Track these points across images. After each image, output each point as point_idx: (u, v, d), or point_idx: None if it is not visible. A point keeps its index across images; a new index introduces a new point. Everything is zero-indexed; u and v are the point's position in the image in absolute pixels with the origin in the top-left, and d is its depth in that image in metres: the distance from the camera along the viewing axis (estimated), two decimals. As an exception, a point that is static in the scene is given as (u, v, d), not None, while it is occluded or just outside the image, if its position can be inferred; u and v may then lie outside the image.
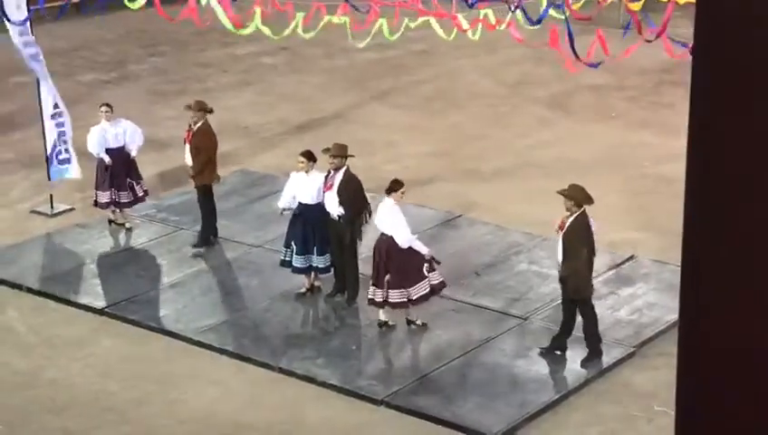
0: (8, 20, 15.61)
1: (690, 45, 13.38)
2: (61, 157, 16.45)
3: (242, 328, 13.39)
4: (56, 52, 23.28)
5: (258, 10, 14.84)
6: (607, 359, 12.52)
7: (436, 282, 12.97)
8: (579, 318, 12.46)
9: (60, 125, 16.32)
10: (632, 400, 11.90)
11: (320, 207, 13.63)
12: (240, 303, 14.01)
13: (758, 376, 3.95)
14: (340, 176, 13.47)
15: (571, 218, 12.13)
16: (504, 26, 14.53)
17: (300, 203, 13.71)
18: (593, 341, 12.40)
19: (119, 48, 24.37)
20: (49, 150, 16.37)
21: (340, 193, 13.43)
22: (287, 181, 13.98)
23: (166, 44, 24.49)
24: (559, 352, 12.52)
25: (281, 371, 12.49)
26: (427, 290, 12.87)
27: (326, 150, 13.69)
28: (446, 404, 11.80)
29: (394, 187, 12.95)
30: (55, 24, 16.82)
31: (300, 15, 14.99)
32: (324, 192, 13.54)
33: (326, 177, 13.56)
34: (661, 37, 13.10)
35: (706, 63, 3.97)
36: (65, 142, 16.40)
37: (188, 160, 15.11)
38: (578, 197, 12.14)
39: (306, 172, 13.65)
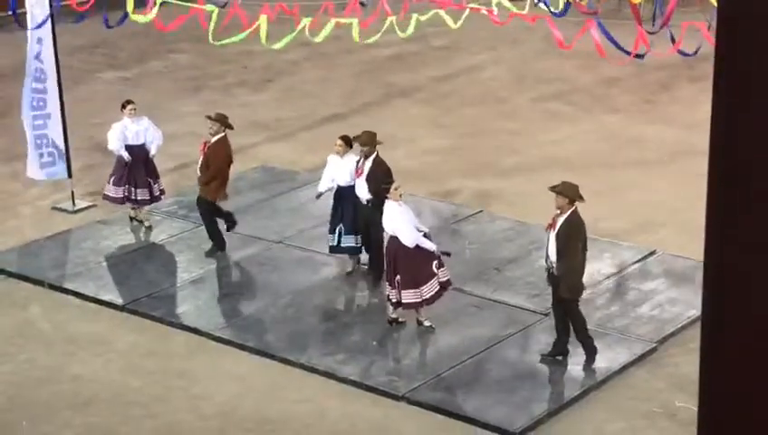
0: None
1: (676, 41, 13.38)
2: (44, 160, 16.32)
3: (263, 324, 13.43)
4: (76, 49, 23.40)
5: (264, 18, 14.70)
6: (628, 355, 12.51)
7: (444, 279, 12.96)
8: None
9: (39, 127, 16.12)
10: (654, 395, 11.88)
11: (351, 189, 14.06)
12: (261, 298, 14.04)
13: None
14: (369, 163, 13.84)
15: (564, 216, 11.99)
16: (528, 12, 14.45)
17: (337, 185, 14.16)
18: (586, 340, 12.28)
19: (138, 45, 24.42)
20: (30, 150, 16.27)
21: (369, 179, 13.75)
22: (325, 167, 14.38)
23: (185, 41, 24.50)
24: (560, 358, 12.35)
25: (302, 366, 12.53)
26: (438, 288, 12.89)
27: (356, 138, 14.02)
28: (468, 400, 11.81)
29: (387, 188, 13.02)
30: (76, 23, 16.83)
31: (306, 20, 14.85)
32: (355, 178, 13.92)
33: (357, 163, 13.97)
34: (666, 28, 13.04)
35: (730, 58, 3.96)
36: (47, 145, 16.23)
37: (198, 171, 14.98)
38: (570, 193, 11.98)
39: (341, 156, 14.06)
